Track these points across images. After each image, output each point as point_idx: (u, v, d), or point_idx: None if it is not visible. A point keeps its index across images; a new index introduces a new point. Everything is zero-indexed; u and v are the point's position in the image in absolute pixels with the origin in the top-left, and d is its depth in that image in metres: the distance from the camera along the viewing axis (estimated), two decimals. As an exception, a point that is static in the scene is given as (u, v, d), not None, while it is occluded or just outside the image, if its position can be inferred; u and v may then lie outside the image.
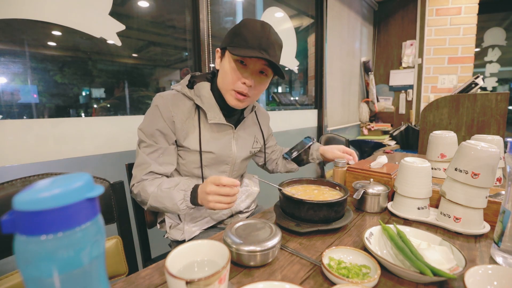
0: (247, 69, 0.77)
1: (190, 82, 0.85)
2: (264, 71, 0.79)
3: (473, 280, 0.44)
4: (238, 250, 0.52)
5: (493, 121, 2.09)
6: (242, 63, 0.77)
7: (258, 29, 0.75)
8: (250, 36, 0.74)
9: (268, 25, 0.77)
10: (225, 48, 0.78)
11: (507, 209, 0.54)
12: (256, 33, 0.74)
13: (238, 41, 0.74)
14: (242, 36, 0.74)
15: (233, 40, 0.76)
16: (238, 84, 0.78)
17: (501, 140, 0.89)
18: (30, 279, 0.22)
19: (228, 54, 0.77)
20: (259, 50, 0.74)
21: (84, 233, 0.23)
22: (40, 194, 0.21)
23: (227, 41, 0.78)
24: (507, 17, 3.59)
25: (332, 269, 0.49)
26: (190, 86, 0.85)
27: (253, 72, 0.78)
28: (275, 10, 2.23)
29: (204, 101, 0.82)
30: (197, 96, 0.82)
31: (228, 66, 0.78)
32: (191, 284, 0.37)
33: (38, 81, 1.07)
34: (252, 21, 0.77)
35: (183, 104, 0.82)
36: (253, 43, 0.73)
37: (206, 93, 0.82)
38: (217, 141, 0.85)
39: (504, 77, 3.64)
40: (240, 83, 0.78)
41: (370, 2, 3.60)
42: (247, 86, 0.78)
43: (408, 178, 0.75)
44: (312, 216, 0.68)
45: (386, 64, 3.77)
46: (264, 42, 0.74)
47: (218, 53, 0.83)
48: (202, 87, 0.83)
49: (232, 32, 0.77)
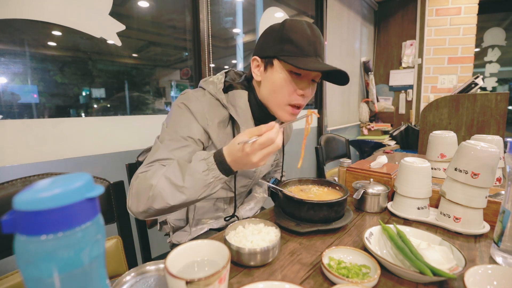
0: (302, 79, 0.69)
1: (225, 85, 0.75)
2: (315, 79, 0.72)
3: (473, 280, 0.44)
4: (238, 250, 0.52)
5: (493, 121, 2.09)
6: (296, 73, 0.68)
7: (308, 32, 0.66)
8: (303, 42, 0.65)
9: (315, 25, 0.69)
10: (271, 57, 0.69)
11: (506, 209, 0.54)
12: (308, 38, 0.66)
13: (291, 49, 0.65)
14: (293, 42, 0.65)
15: (282, 48, 0.66)
16: (295, 96, 0.70)
17: (501, 140, 0.89)
18: (30, 279, 0.22)
19: (280, 64, 0.68)
20: (315, 57, 0.67)
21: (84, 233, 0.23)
22: (40, 194, 0.21)
23: (274, 49, 0.68)
24: (506, 17, 3.59)
25: (332, 269, 0.49)
26: (224, 90, 0.75)
27: (308, 80, 0.70)
28: (275, 10, 2.23)
29: (240, 113, 0.73)
30: (232, 105, 0.74)
31: (281, 78, 0.68)
32: (191, 284, 0.37)
33: (38, 81, 1.07)
34: (298, 23, 0.67)
35: (219, 112, 0.73)
36: (308, 50, 0.65)
37: (243, 105, 0.74)
38: None
39: (503, 77, 3.64)
40: (296, 95, 0.70)
41: (370, 2, 3.60)
42: (304, 97, 0.71)
43: (408, 178, 0.75)
44: (312, 216, 0.68)
45: (386, 64, 3.77)
46: (318, 46, 0.67)
47: (256, 62, 0.72)
48: (239, 96, 0.74)
49: (278, 38, 0.67)
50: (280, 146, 0.57)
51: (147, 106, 1.47)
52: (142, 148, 0.97)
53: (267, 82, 0.71)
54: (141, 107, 1.44)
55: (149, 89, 1.50)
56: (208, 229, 0.86)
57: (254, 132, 0.56)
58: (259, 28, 2.11)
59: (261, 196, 0.97)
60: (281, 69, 0.68)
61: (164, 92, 1.57)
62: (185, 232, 0.85)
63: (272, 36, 0.69)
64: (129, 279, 0.47)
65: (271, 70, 0.70)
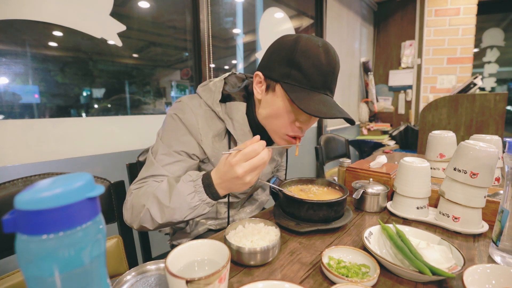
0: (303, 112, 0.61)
1: (223, 95, 0.71)
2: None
3: (472, 279, 0.45)
4: (238, 250, 0.52)
5: (492, 121, 2.09)
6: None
7: (323, 61, 0.58)
8: (313, 71, 0.58)
9: (332, 50, 0.60)
10: (274, 80, 0.62)
11: (505, 208, 0.55)
12: (321, 67, 0.58)
13: (297, 77, 0.58)
14: (302, 70, 0.58)
15: (289, 73, 0.59)
16: (293, 128, 0.65)
17: (500, 140, 0.90)
18: (31, 278, 0.23)
19: (282, 91, 0.62)
20: (324, 91, 0.60)
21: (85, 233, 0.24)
22: (41, 194, 0.22)
23: (279, 72, 0.61)
24: (505, 17, 3.59)
25: (332, 268, 0.50)
26: (222, 99, 0.71)
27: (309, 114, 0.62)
28: (275, 10, 2.23)
29: (237, 127, 0.69)
30: (229, 118, 0.70)
31: (280, 106, 0.63)
32: (192, 283, 0.37)
33: (39, 81, 1.08)
34: (313, 46, 0.58)
35: (214, 125, 0.70)
36: (317, 81, 0.58)
37: (240, 118, 0.69)
38: None
39: (502, 77, 3.64)
40: (295, 127, 0.65)
41: (370, 3, 3.61)
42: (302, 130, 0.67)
43: (407, 177, 0.75)
44: (312, 215, 0.68)
45: (385, 64, 3.77)
46: (330, 79, 0.60)
47: (258, 78, 0.66)
48: (236, 109, 0.69)
49: (286, 60, 0.60)
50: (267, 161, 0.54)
51: (147, 106, 1.47)
52: (142, 148, 0.97)
53: (266, 105, 0.66)
54: (141, 107, 1.45)
55: (150, 89, 1.50)
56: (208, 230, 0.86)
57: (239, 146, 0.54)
58: (259, 28, 2.11)
59: (264, 199, 0.96)
60: (283, 97, 0.62)
61: (164, 92, 1.57)
62: (185, 233, 0.85)
63: (281, 55, 0.61)
64: (130, 279, 0.47)
65: (272, 94, 0.64)
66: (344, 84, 3.25)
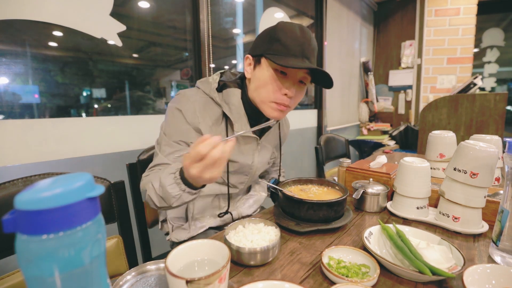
0: (288, 78, 0.71)
1: (219, 84, 0.78)
2: (304, 80, 0.73)
3: (472, 279, 0.45)
4: (238, 250, 0.52)
5: (492, 121, 2.09)
6: (282, 73, 0.70)
7: (298, 34, 0.68)
8: (290, 42, 0.67)
9: (307, 29, 0.71)
10: (259, 55, 0.71)
11: (505, 208, 0.55)
12: (297, 39, 0.67)
13: (278, 48, 0.67)
14: (281, 42, 0.67)
15: (270, 47, 0.68)
16: (279, 95, 0.71)
17: (500, 140, 0.90)
18: (31, 278, 0.23)
19: (266, 62, 0.70)
20: (302, 58, 0.68)
21: (85, 233, 0.24)
22: (41, 194, 0.22)
23: (263, 47, 0.70)
24: (505, 17, 3.59)
25: (332, 268, 0.50)
26: (219, 89, 0.77)
27: (294, 81, 0.72)
28: (275, 10, 2.23)
29: (233, 111, 0.76)
30: (226, 103, 0.76)
31: (266, 75, 0.70)
32: (192, 283, 0.37)
33: (39, 81, 1.08)
34: (289, 24, 0.69)
35: (211, 110, 0.76)
36: (295, 50, 0.67)
37: (236, 102, 0.76)
38: (241, 152, 0.82)
39: (502, 77, 3.64)
40: (281, 94, 0.71)
41: (370, 3, 3.61)
42: (288, 97, 0.72)
43: (407, 177, 0.75)
44: (312, 215, 0.68)
45: (385, 64, 3.77)
46: (306, 48, 0.68)
47: (248, 60, 0.75)
48: (232, 94, 0.76)
49: (267, 37, 0.70)
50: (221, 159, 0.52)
51: (147, 106, 1.47)
52: (142, 148, 0.97)
53: (254, 79, 0.74)
54: (141, 107, 1.45)
55: (150, 89, 1.50)
56: (208, 228, 0.86)
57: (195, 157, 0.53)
58: (259, 28, 2.11)
59: (260, 194, 0.98)
60: (267, 67, 0.70)
61: (164, 92, 1.57)
62: (184, 230, 0.86)
63: (264, 36, 0.72)
64: (130, 278, 0.47)
65: (259, 68, 0.72)
66: (344, 84, 3.25)
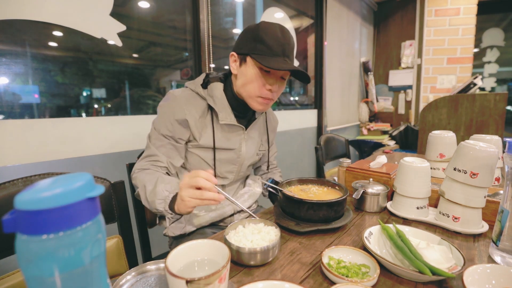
0: (271, 76, 0.79)
1: (204, 81, 0.86)
2: (284, 76, 0.82)
3: (472, 279, 0.45)
4: (238, 250, 0.52)
5: (492, 121, 2.09)
6: (266, 71, 0.77)
7: (279, 34, 0.75)
8: (273, 43, 0.74)
9: (286, 29, 0.79)
10: (245, 54, 0.78)
11: (505, 208, 0.55)
12: (278, 40, 0.75)
13: (262, 49, 0.75)
14: (265, 43, 0.74)
15: (255, 47, 0.75)
16: (264, 91, 0.79)
17: (500, 140, 0.90)
18: (31, 278, 0.23)
19: (252, 61, 0.77)
20: (283, 57, 0.76)
21: (85, 233, 0.24)
22: (41, 194, 0.22)
23: (248, 47, 0.77)
24: (505, 17, 3.59)
25: (332, 268, 0.50)
26: (204, 85, 0.85)
27: (277, 78, 0.80)
28: (275, 10, 2.23)
29: (217, 102, 0.83)
30: (210, 96, 0.83)
31: (251, 73, 0.78)
32: (192, 283, 0.37)
33: (39, 81, 1.08)
34: (270, 25, 0.77)
35: (197, 103, 0.83)
36: (277, 50, 0.74)
37: (219, 94, 0.83)
38: (228, 141, 0.87)
39: (502, 77, 3.64)
40: (265, 90, 0.79)
41: (370, 3, 3.61)
42: (272, 92, 0.80)
43: (407, 177, 0.75)
44: (312, 215, 0.68)
45: (385, 64, 3.77)
46: (286, 48, 0.76)
47: (233, 57, 0.82)
48: (215, 88, 0.83)
49: (251, 38, 0.77)
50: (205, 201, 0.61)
51: (147, 106, 1.47)
52: (142, 148, 0.97)
53: (241, 76, 0.81)
54: (141, 107, 1.45)
55: (150, 89, 1.50)
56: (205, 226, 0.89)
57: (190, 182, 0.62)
58: (259, 28, 2.11)
59: (255, 189, 0.99)
60: (253, 66, 0.77)
61: (164, 92, 1.57)
62: (180, 224, 0.88)
63: (248, 35, 0.78)
64: (130, 279, 0.47)
65: (245, 66, 0.79)
66: (344, 84, 3.25)
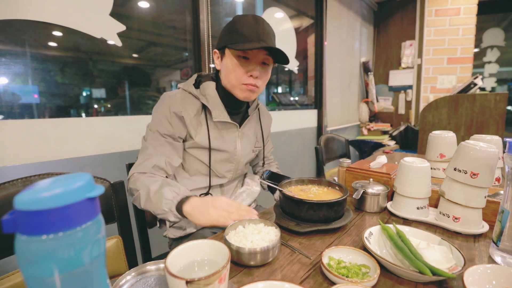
0: (250, 62, 0.79)
1: (196, 81, 0.87)
2: (266, 62, 0.82)
3: (472, 279, 0.45)
4: (238, 250, 0.52)
5: (492, 121, 2.09)
6: (244, 58, 0.79)
7: (252, 22, 0.77)
8: (246, 30, 0.76)
9: (260, 17, 0.80)
10: (223, 47, 0.80)
11: (505, 208, 0.54)
12: (251, 26, 0.76)
13: (237, 38, 0.76)
14: (238, 32, 0.76)
15: (231, 38, 0.78)
16: (245, 78, 0.80)
17: (500, 140, 0.89)
18: (31, 278, 0.22)
19: (229, 52, 0.79)
20: (258, 42, 0.76)
21: (84, 233, 0.24)
22: (41, 194, 0.22)
23: (224, 40, 0.80)
24: (505, 17, 3.59)
25: (332, 268, 0.50)
26: (196, 85, 0.87)
27: (257, 63, 0.80)
28: (275, 10, 2.23)
29: (209, 100, 0.84)
30: (203, 95, 0.84)
31: (231, 63, 0.79)
32: (192, 284, 0.37)
33: (39, 81, 1.07)
34: (243, 16, 0.79)
35: (191, 102, 0.84)
36: (251, 36, 0.76)
37: (211, 92, 0.84)
38: (223, 139, 0.87)
39: (503, 77, 3.64)
40: (247, 76, 0.80)
41: (370, 3, 3.61)
42: (254, 77, 0.80)
43: (407, 178, 0.75)
44: (312, 216, 0.68)
45: (385, 65, 3.77)
46: (261, 33, 0.77)
47: (216, 54, 0.85)
48: (207, 86, 0.85)
49: (227, 31, 0.79)
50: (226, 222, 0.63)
51: (147, 106, 1.47)
52: (142, 148, 0.97)
53: (223, 69, 0.83)
54: (141, 107, 1.45)
55: (150, 89, 1.50)
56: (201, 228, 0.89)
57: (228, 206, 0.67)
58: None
59: (253, 188, 0.99)
60: (231, 56, 0.79)
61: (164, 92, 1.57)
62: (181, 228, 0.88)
63: (225, 30, 0.81)
64: (130, 279, 0.47)
65: (225, 58, 0.81)
66: (344, 84, 3.25)
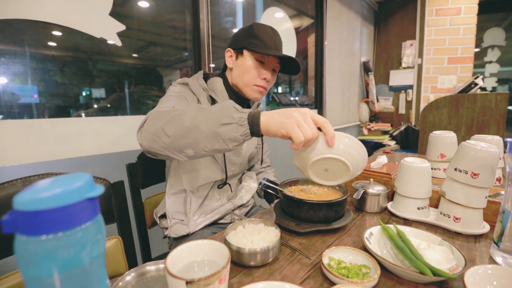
0: (265, 66, 0.88)
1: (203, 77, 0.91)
2: (275, 69, 0.91)
3: (473, 280, 0.44)
4: (238, 250, 0.52)
5: (493, 121, 2.09)
6: (261, 62, 0.87)
7: (270, 33, 0.87)
8: (266, 38, 0.85)
9: (275, 29, 0.90)
10: (241, 48, 0.87)
11: (506, 209, 0.54)
12: (270, 36, 0.86)
13: (257, 43, 0.85)
14: (259, 38, 0.85)
15: (251, 41, 0.86)
16: (259, 80, 0.88)
17: (501, 140, 0.89)
18: (30, 279, 0.22)
19: (248, 53, 0.87)
20: (276, 50, 0.86)
21: (84, 233, 0.23)
22: (41, 194, 0.21)
23: (243, 42, 0.87)
24: (506, 17, 3.59)
25: (332, 269, 0.49)
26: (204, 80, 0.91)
27: (270, 69, 0.89)
28: (275, 10, 2.23)
29: (218, 95, 0.89)
30: (211, 89, 0.89)
31: (248, 64, 0.86)
32: (191, 284, 0.37)
33: (39, 81, 1.07)
34: (262, 25, 0.88)
35: (202, 92, 0.88)
36: (270, 44, 0.85)
37: (220, 87, 0.90)
38: None
39: (503, 77, 3.64)
40: (260, 78, 0.88)
41: (370, 2, 3.60)
42: (266, 81, 0.89)
43: (408, 178, 0.75)
44: (312, 216, 0.68)
45: (386, 64, 3.77)
46: (278, 43, 0.88)
47: (229, 52, 0.91)
48: (215, 82, 0.90)
49: (247, 34, 0.87)
50: (312, 139, 0.56)
51: (147, 106, 1.47)
52: (142, 148, 0.97)
53: (238, 68, 0.88)
54: (141, 107, 1.45)
55: (149, 89, 1.50)
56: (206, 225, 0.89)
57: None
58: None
59: (251, 185, 1.01)
60: (250, 57, 0.86)
61: (164, 92, 1.57)
62: (183, 225, 0.88)
63: (243, 33, 0.88)
64: (129, 279, 0.47)
65: (241, 58, 0.87)
66: (344, 84, 3.25)
